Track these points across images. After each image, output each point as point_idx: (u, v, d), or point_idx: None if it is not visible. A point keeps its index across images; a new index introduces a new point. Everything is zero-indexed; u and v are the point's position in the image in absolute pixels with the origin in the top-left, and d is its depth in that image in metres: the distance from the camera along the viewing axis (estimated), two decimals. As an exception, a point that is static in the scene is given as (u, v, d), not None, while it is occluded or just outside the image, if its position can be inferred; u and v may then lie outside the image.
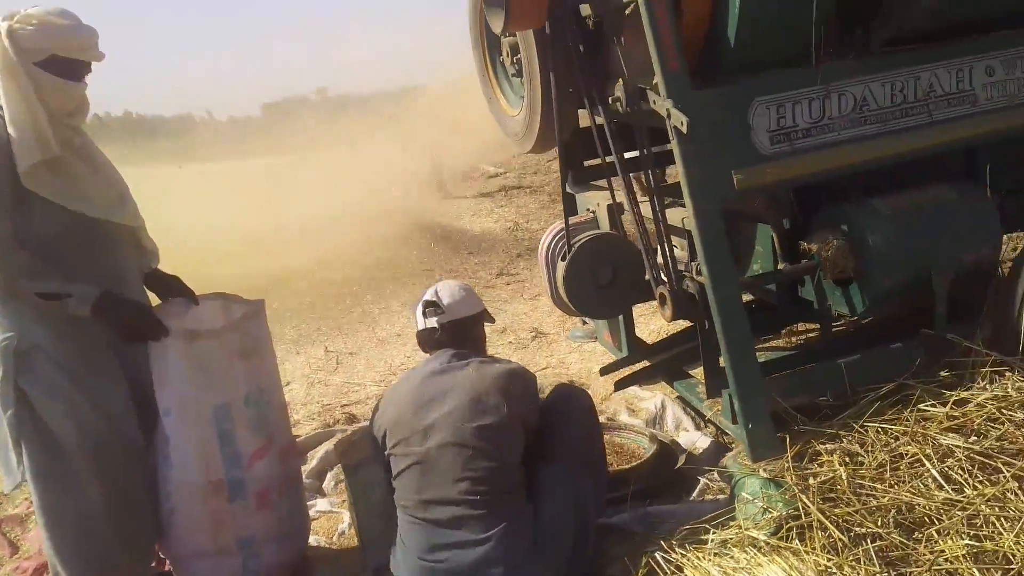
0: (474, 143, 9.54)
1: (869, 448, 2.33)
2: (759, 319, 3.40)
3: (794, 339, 3.79)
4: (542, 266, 3.25)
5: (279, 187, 9.75)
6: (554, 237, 3.18)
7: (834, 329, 3.16)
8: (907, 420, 2.41)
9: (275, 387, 2.66)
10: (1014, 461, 2.18)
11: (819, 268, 2.76)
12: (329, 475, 3.38)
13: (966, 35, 2.79)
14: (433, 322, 2.54)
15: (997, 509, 2.05)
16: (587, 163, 3.49)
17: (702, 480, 2.68)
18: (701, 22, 2.67)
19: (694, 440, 3.05)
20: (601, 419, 2.92)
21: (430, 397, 2.38)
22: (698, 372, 3.11)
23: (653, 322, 4.23)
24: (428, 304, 2.56)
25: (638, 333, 3.58)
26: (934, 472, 2.18)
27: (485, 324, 2.66)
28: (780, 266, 3.00)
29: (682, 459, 2.90)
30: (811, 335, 3.68)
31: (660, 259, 2.76)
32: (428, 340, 2.57)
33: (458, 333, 2.54)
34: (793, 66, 2.66)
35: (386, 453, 2.42)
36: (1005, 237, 3.35)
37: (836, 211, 2.85)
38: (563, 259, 2.92)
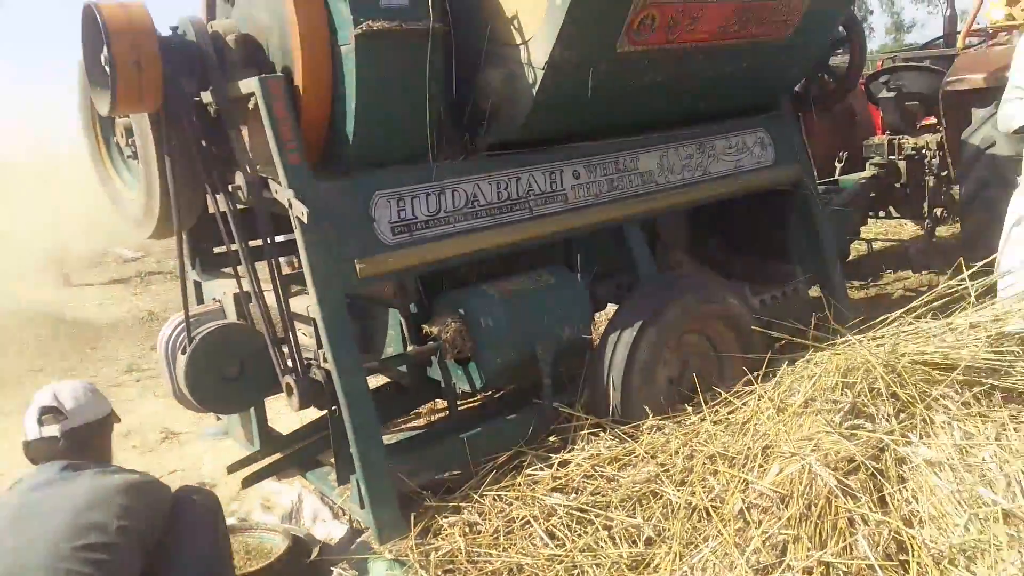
0: (107, 224, 8.68)
1: (487, 516, 2.51)
2: (395, 401, 3.52)
3: (434, 417, 3.97)
4: (162, 360, 3.03)
5: None
6: (174, 329, 2.99)
7: (462, 406, 3.38)
8: (520, 485, 2.64)
9: None
10: (603, 512, 2.48)
11: (440, 349, 2.95)
12: None
13: (558, 143, 3.25)
14: (53, 430, 2.21)
15: (591, 557, 2.32)
16: (217, 250, 3.39)
17: (335, 570, 2.64)
18: (321, 118, 2.76)
19: (330, 530, 3.00)
20: (232, 520, 2.75)
21: (25, 515, 2.05)
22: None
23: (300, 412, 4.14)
24: (46, 410, 2.23)
25: (286, 425, 3.49)
26: (540, 531, 2.40)
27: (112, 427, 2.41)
28: (409, 349, 3.15)
29: (316, 551, 2.84)
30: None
31: (287, 348, 2.74)
32: (43, 452, 2.23)
33: (82, 441, 2.25)
34: (413, 163, 2.87)
35: None
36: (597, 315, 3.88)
37: (455, 296, 3.08)
38: (183, 352, 2.76)
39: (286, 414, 4.05)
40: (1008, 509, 2.00)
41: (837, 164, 5.40)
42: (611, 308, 3.76)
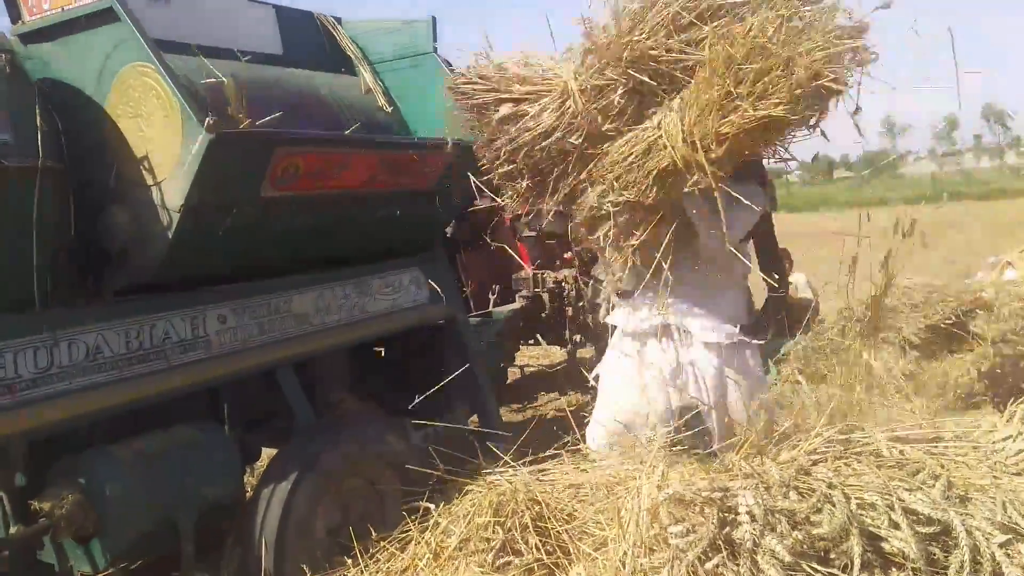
0: None
1: None
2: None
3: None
4: None
5: None
6: None
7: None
8: None
9: None
10: None
11: (53, 528, 2.51)
12: None
13: (201, 286, 3.04)
14: None
15: None
16: None
17: None
18: None
19: None
20: None
21: None
22: None
23: None
24: None
25: None
26: None
27: None
28: (13, 530, 2.63)
29: None
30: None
31: None
32: None
33: None
34: (16, 312, 2.49)
35: None
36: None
37: (73, 462, 2.67)
38: None
39: None
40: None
41: (491, 296, 5.80)
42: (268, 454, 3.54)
